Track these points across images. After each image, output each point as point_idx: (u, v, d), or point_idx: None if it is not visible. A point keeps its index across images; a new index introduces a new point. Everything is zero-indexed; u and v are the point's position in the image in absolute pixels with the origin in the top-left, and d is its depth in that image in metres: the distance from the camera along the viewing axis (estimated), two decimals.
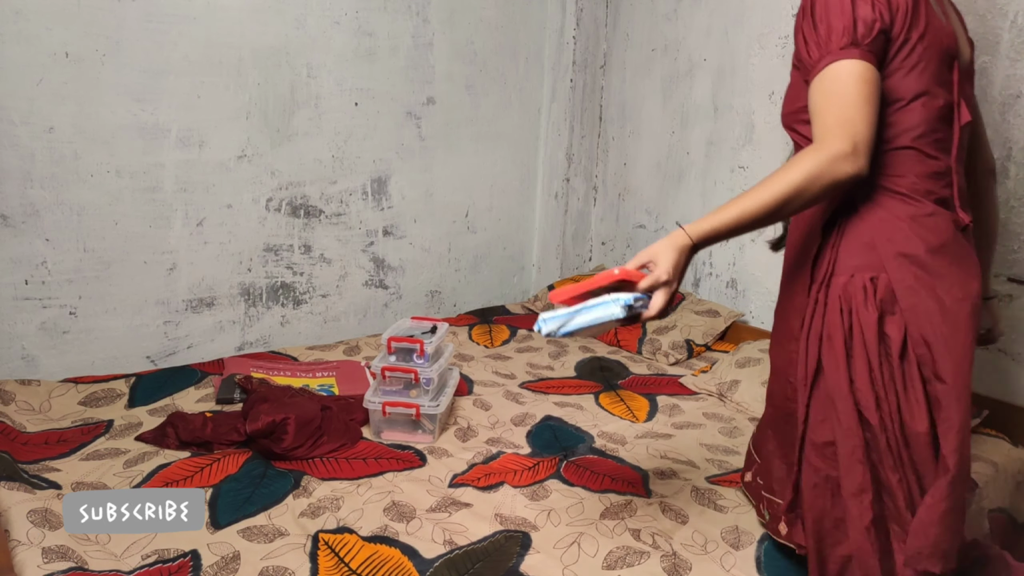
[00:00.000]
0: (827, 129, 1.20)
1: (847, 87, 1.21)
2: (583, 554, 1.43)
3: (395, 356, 1.89)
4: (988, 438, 1.94)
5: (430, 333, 1.93)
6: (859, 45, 1.22)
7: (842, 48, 1.22)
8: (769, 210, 1.20)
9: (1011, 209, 2.09)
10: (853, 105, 1.20)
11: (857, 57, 1.21)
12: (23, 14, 1.96)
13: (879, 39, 1.23)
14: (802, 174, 1.18)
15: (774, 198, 1.19)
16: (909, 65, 1.26)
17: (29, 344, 2.11)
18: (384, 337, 1.89)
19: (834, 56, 1.22)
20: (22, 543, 1.35)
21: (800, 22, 1.30)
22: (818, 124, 1.22)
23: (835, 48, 1.22)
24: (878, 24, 1.22)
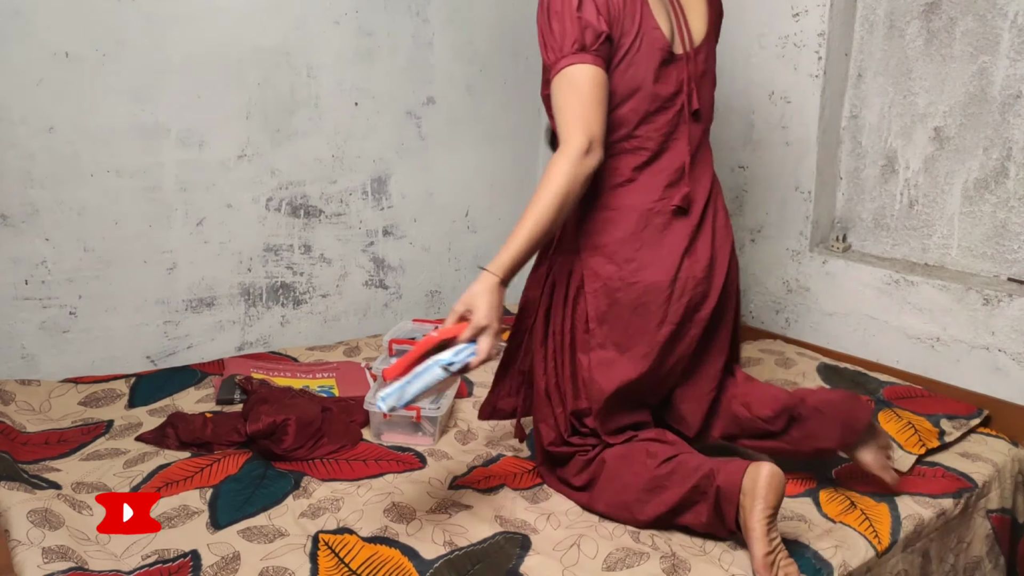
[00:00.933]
0: (568, 129, 1.39)
1: (581, 89, 1.40)
2: (583, 555, 1.43)
3: (396, 358, 1.89)
4: (988, 438, 1.94)
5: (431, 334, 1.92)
6: (588, 50, 1.40)
7: (575, 52, 1.40)
8: (550, 220, 1.39)
9: (1011, 209, 2.09)
10: (588, 105, 1.40)
11: (589, 62, 1.40)
12: (23, 14, 1.96)
13: (604, 44, 1.42)
14: (563, 179, 1.38)
15: (550, 209, 1.38)
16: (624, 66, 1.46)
17: (29, 344, 2.11)
18: (385, 339, 1.89)
19: (568, 60, 1.40)
20: (22, 543, 1.35)
21: (539, 18, 1.45)
22: (561, 123, 1.41)
23: (568, 52, 1.40)
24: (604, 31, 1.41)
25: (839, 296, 2.34)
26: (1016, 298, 2.00)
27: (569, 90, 1.40)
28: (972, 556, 1.77)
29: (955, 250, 2.22)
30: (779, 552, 1.36)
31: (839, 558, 1.45)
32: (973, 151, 2.15)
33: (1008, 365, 2.02)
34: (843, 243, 2.41)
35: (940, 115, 2.20)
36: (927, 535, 1.63)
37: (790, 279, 2.46)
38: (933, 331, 2.15)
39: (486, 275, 1.41)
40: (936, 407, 1.96)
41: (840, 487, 1.70)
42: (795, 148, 2.39)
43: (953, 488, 1.72)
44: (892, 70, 2.29)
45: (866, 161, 2.38)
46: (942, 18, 2.17)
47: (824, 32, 2.27)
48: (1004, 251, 2.12)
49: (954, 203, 2.20)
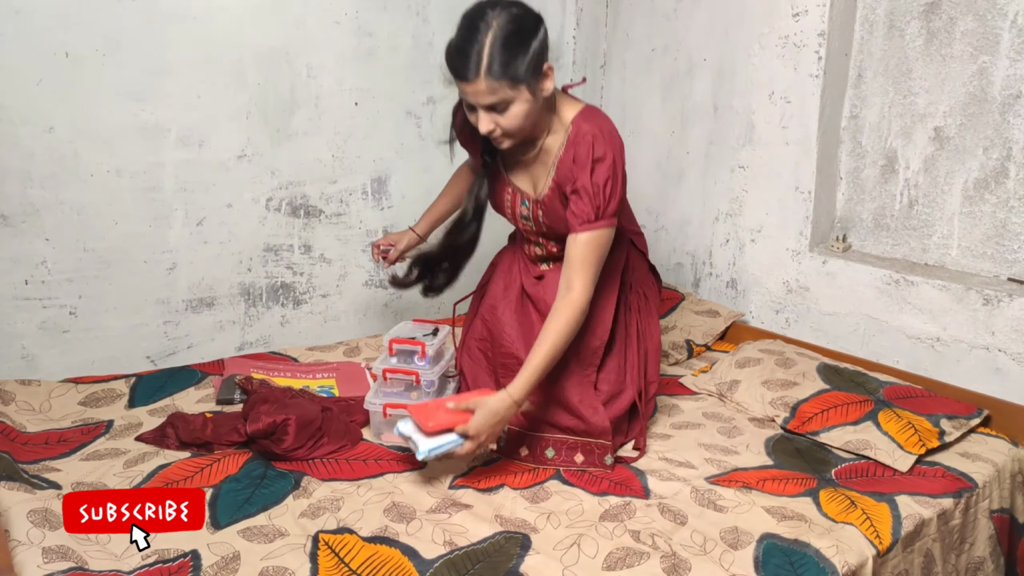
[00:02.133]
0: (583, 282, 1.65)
1: (603, 252, 1.67)
2: (583, 555, 1.43)
3: (396, 358, 1.89)
4: (988, 438, 1.94)
5: (431, 335, 1.93)
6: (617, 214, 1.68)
7: (611, 216, 1.66)
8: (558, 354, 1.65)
9: (1011, 209, 2.09)
10: (600, 264, 1.68)
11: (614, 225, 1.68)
12: (23, 14, 1.96)
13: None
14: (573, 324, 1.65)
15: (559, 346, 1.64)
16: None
17: (29, 344, 2.11)
18: (385, 339, 1.89)
19: (606, 222, 1.65)
20: (22, 543, 1.35)
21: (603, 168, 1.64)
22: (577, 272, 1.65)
23: (608, 215, 1.65)
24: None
25: (839, 296, 2.34)
26: (1016, 298, 2.00)
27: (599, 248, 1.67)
28: (975, 556, 1.77)
29: (955, 250, 2.21)
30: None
31: (840, 558, 1.45)
32: (973, 151, 2.15)
33: (1008, 365, 2.02)
34: (843, 243, 2.41)
35: (940, 115, 2.20)
36: (928, 535, 1.63)
37: (790, 279, 2.46)
38: (933, 331, 2.15)
39: (504, 397, 1.61)
40: (936, 407, 1.96)
41: (840, 487, 1.70)
42: (795, 148, 2.39)
43: (953, 488, 1.72)
44: (892, 70, 2.29)
45: (866, 161, 2.38)
46: (942, 18, 2.17)
47: (824, 32, 2.27)
48: (1004, 251, 2.12)
49: (954, 203, 2.20)
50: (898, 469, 1.77)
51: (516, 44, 1.54)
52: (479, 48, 1.53)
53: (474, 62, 1.53)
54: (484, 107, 1.59)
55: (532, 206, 1.79)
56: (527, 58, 1.55)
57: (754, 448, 1.87)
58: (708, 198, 2.65)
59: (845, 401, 1.97)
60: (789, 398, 2.03)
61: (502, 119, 1.60)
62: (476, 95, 1.57)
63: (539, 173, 1.76)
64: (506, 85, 1.55)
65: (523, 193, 1.80)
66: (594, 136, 1.64)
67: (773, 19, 2.39)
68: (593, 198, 1.63)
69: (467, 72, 1.54)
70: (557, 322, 1.64)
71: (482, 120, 1.61)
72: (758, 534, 1.51)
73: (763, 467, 1.78)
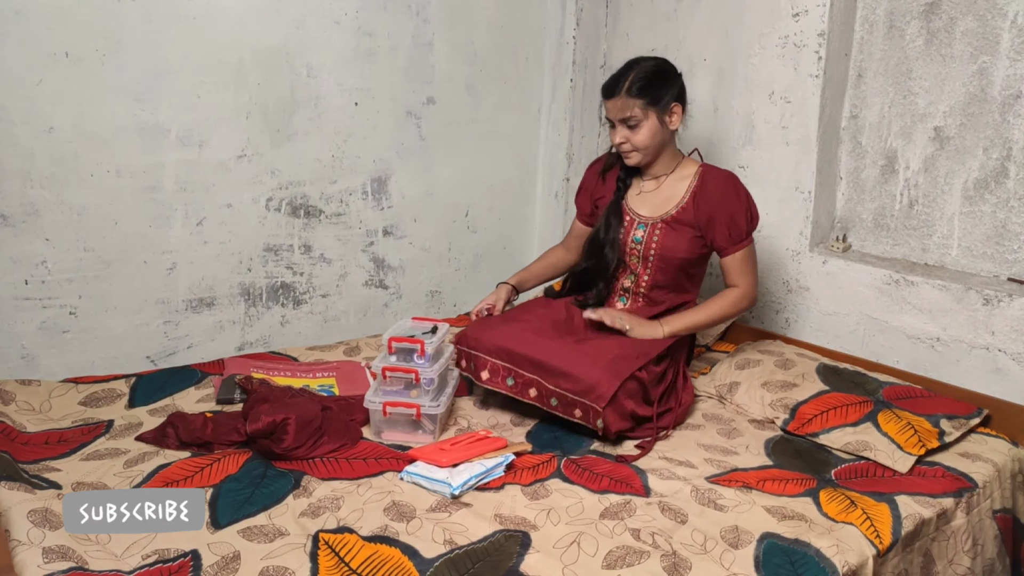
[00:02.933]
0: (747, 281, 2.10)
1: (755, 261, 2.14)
2: (583, 553, 1.43)
3: (396, 356, 1.89)
4: (988, 438, 1.94)
5: (431, 333, 1.93)
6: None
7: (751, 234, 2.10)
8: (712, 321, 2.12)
9: (1011, 209, 2.09)
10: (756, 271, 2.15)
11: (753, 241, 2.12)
12: (23, 14, 1.96)
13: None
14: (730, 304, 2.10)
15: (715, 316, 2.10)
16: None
17: (29, 344, 2.11)
18: (385, 337, 1.89)
19: (751, 240, 2.09)
20: (22, 543, 1.35)
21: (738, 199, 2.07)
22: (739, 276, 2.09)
23: (750, 233, 2.09)
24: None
25: (839, 296, 2.34)
26: (1016, 298, 2.00)
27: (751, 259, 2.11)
28: (987, 558, 1.77)
29: (955, 250, 2.22)
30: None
31: (841, 557, 1.45)
32: (973, 151, 2.15)
33: (1008, 365, 2.02)
34: (843, 243, 2.41)
35: (940, 115, 2.20)
36: (928, 534, 1.63)
37: (790, 279, 2.46)
38: (933, 331, 2.15)
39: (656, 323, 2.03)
40: (936, 407, 1.96)
41: (840, 487, 1.70)
42: (795, 148, 2.39)
43: (953, 488, 1.72)
44: (892, 70, 2.29)
45: (866, 161, 2.38)
46: (942, 18, 2.17)
47: (824, 32, 2.27)
48: (1004, 251, 2.12)
49: (954, 203, 2.20)
50: (898, 470, 1.77)
51: (654, 79, 2.00)
52: (626, 77, 2.00)
53: (620, 84, 1.99)
54: (619, 120, 2.01)
55: (649, 229, 2.10)
56: (660, 91, 2.00)
57: (754, 449, 1.87)
58: None
59: (845, 402, 1.97)
60: (789, 400, 2.02)
61: (632, 134, 2.02)
62: (614, 109, 2.01)
63: (662, 202, 2.11)
64: (638, 105, 1.98)
65: (642, 218, 2.12)
66: (728, 177, 2.09)
67: (773, 19, 2.39)
68: (744, 222, 2.06)
69: (612, 90, 2.00)
70: (723, 299, 2.08)
71: (617, 133, 2.04)
72: (758, 533, 1.51)
73: (763, 467, 1.78)
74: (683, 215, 2.07)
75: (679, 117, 2.05)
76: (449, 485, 1.59)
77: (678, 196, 2.09)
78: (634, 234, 2.11)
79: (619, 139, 2.03)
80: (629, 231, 2.12)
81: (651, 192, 2.13)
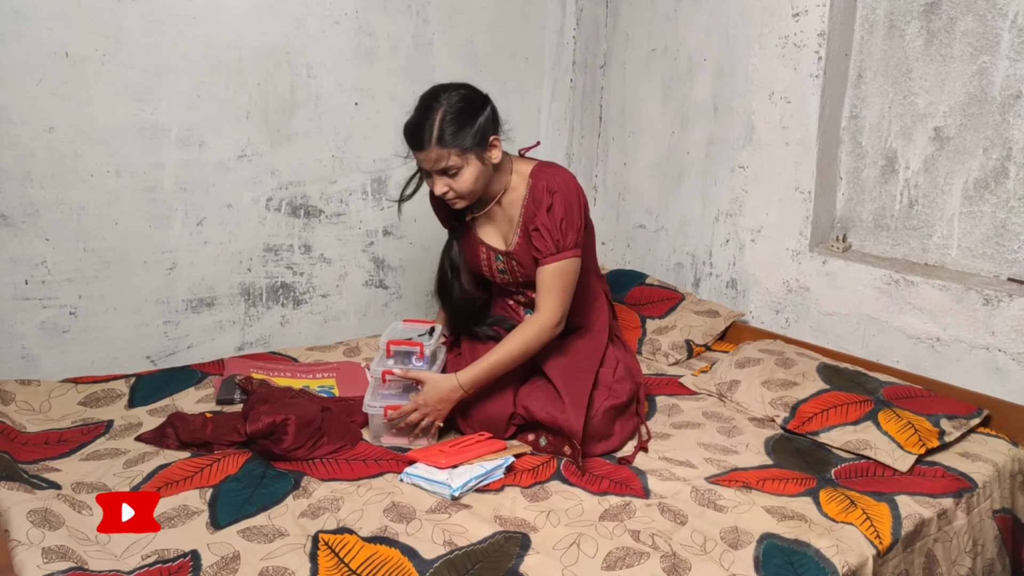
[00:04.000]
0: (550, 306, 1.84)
1: (569, 280, 1.86)
2: (582, 555, 1.43)
3: (393, 359, 1.89)
4: (988, 438, 1.94)
5: (427, 335, 1.93)
6: (578, 245, 1.85)
7: (572, 247, 1.84)
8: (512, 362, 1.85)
9: (1011, 209, 2.09)
10: (569, 291, 1.86)
11: (578, 255, 1.86)
12: (23, 14, 1.96)
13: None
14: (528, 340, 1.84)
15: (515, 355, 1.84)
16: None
17: (29, 344, 2.11)
18: (382, 341, 1.89)
19: (568, 253, 1.84)
20: (22, 543, 1.35)
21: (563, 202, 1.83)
22: (544, 298, 1.84)
23: (567, 247, 1.84)
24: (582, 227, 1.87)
25: (839, 296, 2.34)
26: (1016, 298, 1.99)
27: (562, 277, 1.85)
28: (987, 559, 1.77)
29: (955, 250, 2.22)
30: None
31: (841, 557, 1.45)
32: (973, 151, 2.15)
33: (1008, 365, 2.02)
34: (843, 243, 2.41)
35: (940, 115, 2.20)
36: (928, 535, 1.63)
37: (790, 279, 2.46)
38: (933, 331, 2.15)
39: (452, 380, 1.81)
40: (936, 407, 1.96)
41: (840, 487, 1.70)
42: (795, 148, 2.39)
43: (953, 488, 1.72)
44: (892, 70, 2.29)
45: (866, 161, 2.38)
46: (942, 18, 2.17)
47: (824, 32, 2.27)
48: (1004, 251, 2.12)
49: (954, 203, 2.20)
50: (898, 469, 1.77)
51: (463, 119, 1.78)
52: (431, 122, 1.76)
53: (427, 134, 1.76)
54: (437, 172, 1.81)
55: (506, 259, 1.95)
56: (472, 130, 1.78)
57: (754, 448, 1.87)
58: (708, 198, 2.65)
59: (845, 401, 1.97)
60: (789, 398, 2.02)
61: (454, 182, 1.82)
62: (428, 162, 1.80)
63: (506, 228, 1.95)
64: (454, 153, 1.77)
65: (495, 250, 1.97)
66: (548, 180, 1.86)
67: (773, 19, 2.39)
68: (552, 233, 1.83)
69: (420, 143, 1.78)
70: (521, 335, 1.85)
71: (437, 184, 1.83)
72: (758, 534, 1.51)
73: (763, 467, 1.78)
74: (524, 237, 1.90)
75: (499, 148, 1.84)
76: (449, 487, 1.59)
77: (515, 217, 1.91)
78: (496, 266, 1.98)
79: (441, 189, 1.82)
80: (491, 264, 1.98)
81: (492, 217, 1.97)
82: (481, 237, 1.99)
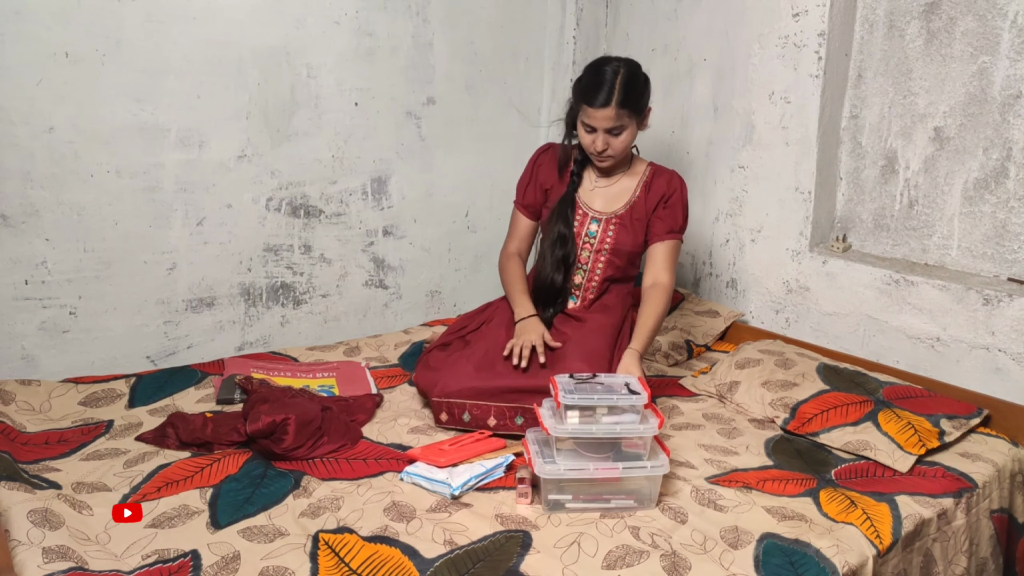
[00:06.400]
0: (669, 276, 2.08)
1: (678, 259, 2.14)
2: (583, 554, 1.43)
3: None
4: (988, 438, 1.94)
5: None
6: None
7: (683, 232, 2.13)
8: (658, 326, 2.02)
9: (1011, 209, 2.09)
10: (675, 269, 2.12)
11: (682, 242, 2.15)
12: (23, 14, 1.96)
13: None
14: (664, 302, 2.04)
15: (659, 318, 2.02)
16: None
17: (29, 344, 2.11)
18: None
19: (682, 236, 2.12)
20: (22, 543, 1.35)
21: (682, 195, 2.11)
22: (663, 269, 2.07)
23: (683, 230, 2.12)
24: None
25: (839, 296, 2.34)
26: (1016, 298, 2.00)
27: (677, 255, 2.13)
28: (980, 557, 1.77)
29: (955, 250, 2.22)
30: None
31: (841, 557, 1.45)
32: (973, 151, 2.15)
33: (1008, 365, 2.02)
34: (843, 243, 2.41)
35: (940, 115, 2.20)
36: (928, 535, 1.63)
37: (790, 279, 2.46)
38: (933, 331, 2.15)
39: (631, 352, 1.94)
40: (936, 407, 1.96)
41: (840, 487, 1.70)
42: (795, 148, 2.39)
43: (953, 488, 1.72)
44: (892, 70, 2.29)
45: (866, 161, 2.38)
46: (942, 18, 2.17)
47: (824, 32, 2.27)
48: (1004, 251, 2.12)
49: (954, 203, 2.20)
50: (898, 469, 1.77)
51: (639, 85, 1.99)
52: (616, 84, 1.94)
53: (613, 94, 1.93)
54: (605, 130, 1.97)
55: (602, 224, 2.12)
56: (643, 97, 2.01)
57: (754, 449, 1.87)
58: (708, 198, 2.66)
59: (845, 402, 1.97)
60: (789, 399, 2.02)
61: (615, 140, 2.00)
62: (604, 120, 1.96)
63: (615, 196, 2.13)
64: (625, 115, 1.96)
65: (596, 212, 2.13)
66: (676, 175, 2.13)
67: (773, 19, 2.39)
68: (682, 216, 2.09)
69: (606, 100, 1.94)
70: (658, 299, 2.03)
71: (599, 140, 1.99)
72: (758, 533, 1.51)
73: (763, 468, 1.78)
74: (635, 209, 2.10)
75: (648, 117, 2.07)
76: (449, 486, 1.59)
77: (630, 191, 2.12)
78: (588, 228, 2.12)
79: (601, 146, 2.00)
80: (583, 225, 2.12)
81: (604, 188, 2.14)
82: (584, 201, 2.14)
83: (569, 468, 1.55)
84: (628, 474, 1.56)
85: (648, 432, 1.59)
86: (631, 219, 2.10)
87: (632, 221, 2.10)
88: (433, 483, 1.61)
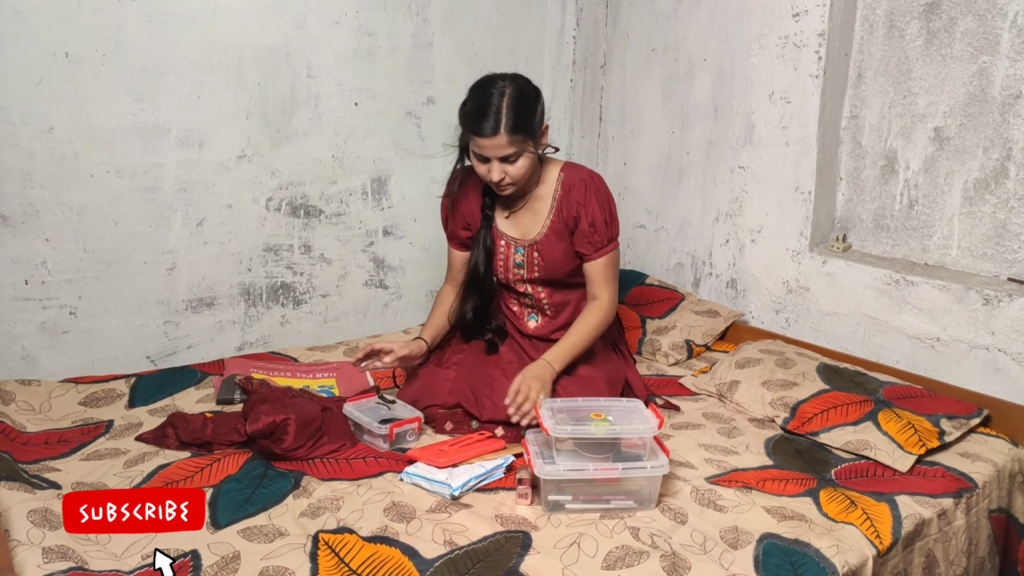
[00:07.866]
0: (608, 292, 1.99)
1: (618, 267, 2.03)
2: (583, 554, 1.43)
3: None
4: (988, 438, 1.94)
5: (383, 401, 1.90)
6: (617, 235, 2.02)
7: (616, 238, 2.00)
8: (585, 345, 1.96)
9: (1011, 209, 2.09)
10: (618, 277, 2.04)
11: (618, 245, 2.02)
12: (23, 14, 1.96)
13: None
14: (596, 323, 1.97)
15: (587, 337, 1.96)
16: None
17: (29, 344, 2.11)
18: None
19: (614, 244, 1.99)
20: (22, 543, 1.35)
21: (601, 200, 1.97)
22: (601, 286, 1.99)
23: (614, 239, 1.99)
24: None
25: (839, 296, 2.34)
26: (1016, 298, 2.00)
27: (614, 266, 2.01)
28: (978, 557, 1.78)
29: (955, 250, 2.22)
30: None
31: (841, 557, 1.45)
32: (973, 151, 2.15)
33: (1008, 365, 2.02)
34: (843, 243, 2.41)
35: (940, 115, 2.20)
36: (929, 535, 1.63)
37: (790, 279, 2.46)
38: (933, 331, 2.15)
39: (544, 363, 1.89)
40: (936, 407, 1.96)
41: (840, 487, 1.70)
42: (795, 148, 2.39)
43: (953, 488, 1.72)
44: (892, 70, 2.29)
45: (866, 161, 2.38)
46: (942, 18, 2.17)
47: (824, 32, 2.27)
48: (1004, 251, 2.12)
49: (954, 203, 2.20)
50: (898, 469, 1.77)
51: (528, 106, 1.84)
52: (501, 110, 1.80)
53: (498, 121, 1.79)
54: (499, 159, 1.84)
55: (527, 251, 2.01)
56: (533, 118, 1.85)
57: (754, 448, 1.87)
58: (708, 198, 2.66)
59: (845, 401, 1.97)
60: (789, 398, 2.03)
61: (511, 169, 1.86)
62: (495, 148, 1.82)
63: (531, 221, 2.01)
64: (517, 141, 1.82)
65: (516, 241, 2.02)
66: (589, 181, 1.97)
67: (773, 19, 2.39)
68: (600, 229, 1.95)
69: (492, 129, 1.80)
70: (590, 318, 1.97)
71: (495, 170, 1.86)
72: (758, 534, 1.51)
73: (763, 467, 1.78)
74: (554, 230, 1.98)
75: (547, 135, 1.93)
76: (449, 486, 1.59)
77: (545, 210, 1.99)
78: (513, 259, 2.02)
79: (497, 176, 1.85)
80: (508, 257, 2.03)
81: (518, 213, 2.02)
82: (501, 230, 2.04)
83: (569, 469, 1.55)
84: (628, 474, 1.56)
85: (648, 432, 1.60)
86: (554, 240, 1.98)
87: (555, 242, 1.98)
88: (433, 483, 1.61)
